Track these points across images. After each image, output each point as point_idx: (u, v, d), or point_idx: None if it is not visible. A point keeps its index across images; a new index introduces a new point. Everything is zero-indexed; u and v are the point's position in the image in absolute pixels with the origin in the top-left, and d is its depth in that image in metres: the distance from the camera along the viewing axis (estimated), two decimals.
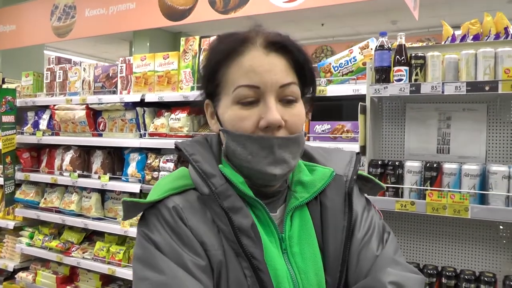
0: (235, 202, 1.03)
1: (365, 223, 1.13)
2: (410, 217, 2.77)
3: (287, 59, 1.05)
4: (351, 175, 1.16)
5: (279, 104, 1.03)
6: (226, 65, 1.05)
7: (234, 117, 1.03)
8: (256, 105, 1.03)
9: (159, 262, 0.97)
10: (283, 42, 1.05)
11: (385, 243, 1.13)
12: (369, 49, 2.86)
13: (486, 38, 2.65)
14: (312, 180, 1.13)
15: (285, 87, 1.03)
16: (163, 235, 1.01)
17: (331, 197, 1.13)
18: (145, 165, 3.78)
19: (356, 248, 1.09)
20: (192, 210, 1.04)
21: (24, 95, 4.72)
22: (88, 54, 14.65)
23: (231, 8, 4.36)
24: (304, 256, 1.06)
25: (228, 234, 1.01)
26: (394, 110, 2.82)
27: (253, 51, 1.03)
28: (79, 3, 5.70)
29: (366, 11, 9.26)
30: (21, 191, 4.58)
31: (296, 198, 1.11)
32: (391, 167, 2.51)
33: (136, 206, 1.07)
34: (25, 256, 4.58)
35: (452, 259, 2.66)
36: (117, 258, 3.83)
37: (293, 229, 1.09)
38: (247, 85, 1.02)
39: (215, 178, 1.05)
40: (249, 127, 1.02)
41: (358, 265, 1.08)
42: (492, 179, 2.28)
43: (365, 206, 1.18)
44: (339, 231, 1.10)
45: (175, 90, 3.60)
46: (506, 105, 2.54)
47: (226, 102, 1.06)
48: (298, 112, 1.06)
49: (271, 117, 1.00)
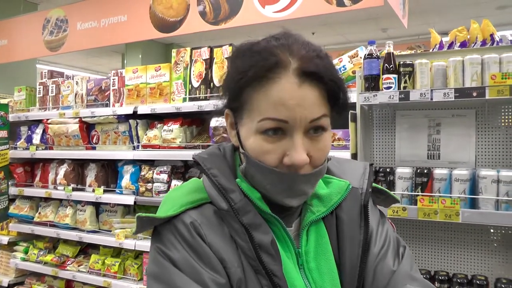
0: (255, 218, 0.99)
1: (381, 237, 1.10)
2: (402, 223, 2.80)
3: (321, 89, 0.95)
4: (366, 187, 1.13)
5: (306, 137, 0.96)
6: (253, 89, 0.96)
7: (258, 149, 0.97)
8: (282, 137, 0.95)
9: (177, 279, 0.93)
10: (319, 73, 0.93)
11: (401, 258, 1.09)
12: (359, 58, 2.90)
13: (473, 45, 2.70)
14: (328, 194, 1.10)
15: (315, 121, 0.95)
16: (181, 251, 0.96)
17: (347, 211, 1.09)
18: (139, 177, 3.79)
19: (372, 263, 1.06)
20: (210, 225, 0.99)
21: (17, 110, 4.72)
22: (81, 67, 14.67)
23: (222, 19, 4.39)
24: (321, 271, 1.03)
25: (247, 251, 0.97)
26: (384, 117, 2.86)
27: (285, 80, 0.93)
28: (71, 16, 5.72)
29: (356, 19, 9.35)
30: (15, 206, 4.56)
31: (313, 212, 1.07)
32: (382, 174, 2.54)
33: (151, 221, 1.02)
34: (20, 271, 4.56)
35: (445, 263, 2.68)
36: (112, 270, 3.83)
37: (309, 244, 1.05)
38: (275, 119, 0.93)
39: (234, 193, 1.00)
40: (273, 162, 0.96)
41: (374, 281, 1.05)
42: (482, 184, 2.31)
43: (379, 219, 1.15)
44: (355, 245, 1.06)
45: (167, 101, 3.62)
46: (494, 110, 2.58)
47: (250, 127, 0.98)
48: (325, 145, 0.99)
49: (296, 158, 0.93)
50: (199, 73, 3.46)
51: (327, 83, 0.95)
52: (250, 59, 0.97)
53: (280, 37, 0.99)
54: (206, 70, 3.43)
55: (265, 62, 0.94)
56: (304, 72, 0.93)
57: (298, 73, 0.93)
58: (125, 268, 3.83)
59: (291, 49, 0.96)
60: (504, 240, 2.55)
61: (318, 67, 0.94)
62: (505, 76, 2.24)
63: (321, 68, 0.94)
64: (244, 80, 0.96)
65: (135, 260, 3.86)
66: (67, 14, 5.77)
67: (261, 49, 0.97)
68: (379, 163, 2.85)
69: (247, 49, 1.00)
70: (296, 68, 0.93)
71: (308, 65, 0.93)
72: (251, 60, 0.96)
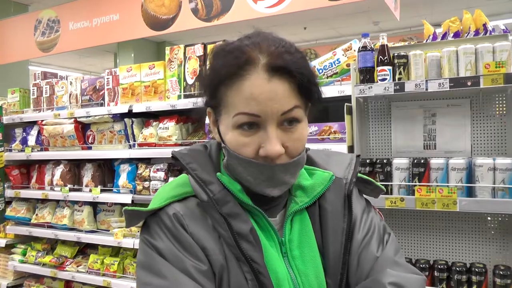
0: (233, 208, 1.04)
1: (365, 224, 1.13)
2: (400, 213, 2.81)
3: (290, 82, 0.99)
4: (350, 177, 1.16)
5: (280, 129, 1.01)
6: (227, 86, 1.01)
7: (235, 142, 1.02)
8: (257, 130, 1.00)
9: (162, 267, 0.99)
10: (287, 67, 0.98)
11: (385, 244, 1.12)
12: (352, 51, 2.90)
13: (466, 35, 2.71)
14: (312, 185, 1.14)
15: (287, 113, 0.99)
16: (165, 241, 1.02)
17: (331, 200, 1.13)
18: (135, 175, 3.79)
19: (356, 250, 1.09)
20: (192, 216, 1.05)
21: (11, 112, 4.70)
22: (73, 67, 14.62)
23: (214, 16, 4.39)
24: (304, 259, 1.07)
25: (228, 239, 1.02)
26: (380, 109, 2.87)
27: (255, 76, 0.98)
28: (62, 16, 5.70)
29: (348, 13, 9.36)
30: (11, 208, 4.55)
31: (296, 203, 1.12)
32: (379, 165, 2.55)
33: (138, 214, 1.08)
34: (18, 273, 4.55)
35: (443, 252, 2.70)
36: (111, 269, 3.83)
37: (293, 233, 1.09)
38: (247, 113, 0.98)
39: (213, 185, 1.05)
40: (250, 154, 1.01)
41: (358, 267, 1.08)
42: (478, 172, 2.33)
43: (364, 208, 1.18)
44: (338, 234, 1.10)
45: (162, 99, 3.62)
46: (489, 99, 2.59)
47: (227, 123, 1.03)
48: (300, 135, 1.03)
49: (270, 149, 0.98)
50: (193, 70, 3.46)
51: (296, 76, 0.98)
52: (223, 59, 1.03)
53: (252, 36, 1.05)
54: (200, 67, 3.43)
55: (236, 60, 0.99)
56: (273, 67, 0.97)
57: (267, 69, 0.98)
58: (124, 267, 3.83)
59: (260, 46, 1.00)
60: (501, 228, 2.57)
61: (286, 61, 0.98)
62: (498, 65, 2.26)
63: (289, 63, 0.98)
64: (218, 79, 1.02)
65: (134, 258, 3.86)
66: (58, 15, 5.75)
67: (233, 48, 1.02)
68: (375, 155, 2.87)
69: (220, 50, 1.06)
70: (265, 64, 0.98)
71: (276, 60, 0.98)
72: (224, 60, 1.02)
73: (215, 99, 1.06)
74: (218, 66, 1.03)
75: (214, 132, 1.13)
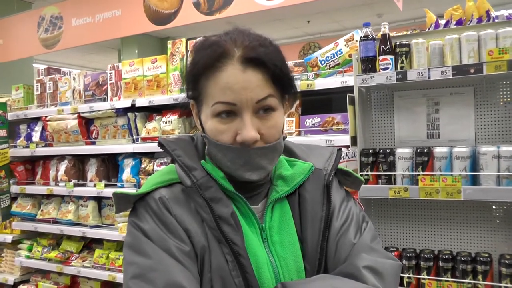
0: (215, 193, 1.10)
1: (343, 213, 1.20)
2: (404, 203, 2.80)
3: (264, 72, 1.07)
4: (330, 168, 1.23)
5: (256, 117, 1.08)
6: (205, 77, 1.09)
7: (214, 130, 1.09)
8: (234, 118, 1.08)
9: (147, 248, 1.05)
10: (261, 59, 1.06)
11: (363, 231, 1.18)
12: (354, 41, 2.89)
13: (469, 22, 2.68)
14: (292, 175, 1.20)
15: (261, 101, 1.07)
16: (151, 223, 1.08)
17: (310, 190, 1.20)
18: (139, 170, 3.80)
19: (334, 237, 1.16)
20: (176, 200, 1.11)
21: (15, 109, 4.72)
22: (77, 64, 14.64)
23: (216, 9, 4.38)
24: (284, 244, 1.13)
25: (210, 222, 1.08)
26: (382, 99, 2.85)
27: (230, 67, 1.06)
28: (65, 13, 5.72)
29: (351, 5, 9.31)
30: (17, 204, 4.57)
31: (277, 191, 1.18)
32: (382, 155, 2.54)
33: (126, 199, 1.15)
34: (25, 268, 4.58)
35: (448, 242, 2.68)
36: (117, 264, 3.84)
37: (273, 220, 1.16)
38: (224, 102, 1.06)
39: (197, 171, 1.12)
40: (228, 140, 1.08)
41: (336, 253, 1.14)
42: (482, 160, 2.31)
43: (344, 198, 1.24)
44: (317, 221, 1.16)
45: (164, 93, 3.62)
46: (492, 86, 2.57)
47: (207, 112, 1.11)
48: (275, 122, 1.11)
49: (246, 135, 1.05)
50: None
51: (269, 67, 1.07)
52: (202, 52, 1.11)
53: (229, 32, 1.13)
54: None
55: (214, 53, 1.08)
56: (246, 59, 1.06)
57: (242, 61, 1.06)
58: None
59: (236, 40, 1.09)
60: (506, 216, 2.55)
61: (259, 53, 1.06)
62: (502, 51, 2.23)
63: (262, 55, 1.06)
64: (197, 71, 1.11)
65: None
66: (61, 11, 5.76)
67: (211, 43, 1.11)
68: (379, 145, 2.85)
69: (200, 44, 1.14)
70: (239, 56, 1.06)
71: (250, 52, 1.06)
72: (203, 53, 1.11)
73: (196, 91, 1.14)
74: (198, 59, 1.12)
75: (197, 123, 1.21)
